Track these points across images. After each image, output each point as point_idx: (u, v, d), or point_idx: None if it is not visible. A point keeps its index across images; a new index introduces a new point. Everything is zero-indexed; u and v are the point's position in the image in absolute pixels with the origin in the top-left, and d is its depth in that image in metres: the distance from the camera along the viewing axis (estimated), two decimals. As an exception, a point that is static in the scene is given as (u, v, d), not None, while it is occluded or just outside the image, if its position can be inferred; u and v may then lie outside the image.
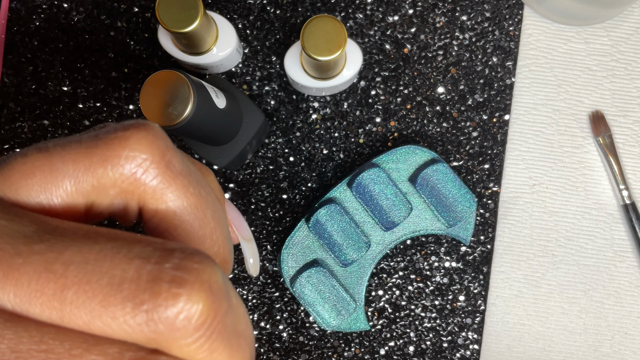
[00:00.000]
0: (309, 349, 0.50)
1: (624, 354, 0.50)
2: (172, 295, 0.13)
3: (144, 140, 0.15)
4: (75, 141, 0.16)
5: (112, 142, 0.15)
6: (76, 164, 0.15)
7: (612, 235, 0.50)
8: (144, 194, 0.16)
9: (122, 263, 0.13)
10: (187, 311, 0.13)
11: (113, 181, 0.15)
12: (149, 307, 0.13)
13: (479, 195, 0.50)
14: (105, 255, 0.13)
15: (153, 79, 0.35)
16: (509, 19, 0.50)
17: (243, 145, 0.45)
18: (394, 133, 0.50)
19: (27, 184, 0.15)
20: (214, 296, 0.14)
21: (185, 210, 0.16)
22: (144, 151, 0.15)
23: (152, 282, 0.13)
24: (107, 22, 0.50)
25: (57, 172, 0.15)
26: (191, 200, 0.16)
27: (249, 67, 0.50)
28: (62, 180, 0.15)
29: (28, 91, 0.50)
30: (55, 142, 0.16)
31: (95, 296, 0.13)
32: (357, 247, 0.46)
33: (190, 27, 0.38)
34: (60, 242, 0.14)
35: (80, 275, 0.13)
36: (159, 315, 0.13)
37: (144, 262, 0.13)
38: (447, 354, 0.50)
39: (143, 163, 0.15)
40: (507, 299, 0.50)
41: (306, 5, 0.50)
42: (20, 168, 0.15)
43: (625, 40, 0.50)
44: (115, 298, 0.13)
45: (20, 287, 0.13)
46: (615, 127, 0.50)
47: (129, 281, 0.13)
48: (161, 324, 0.13)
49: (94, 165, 0.15)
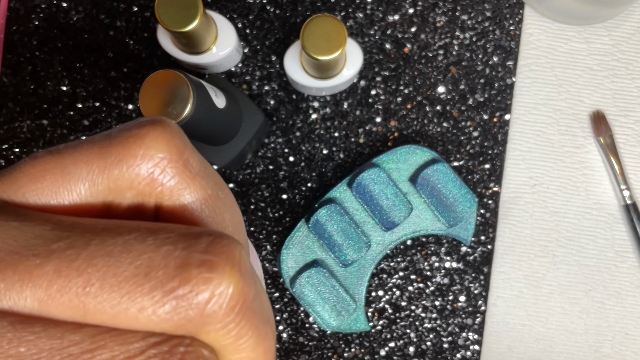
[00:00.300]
0: (309, 349, 0.50)
1: (625, 355, 0.50)
2: (203, 280, 0.13)
3: (160, 138, 0.15)
4: (87, 142, 0.15)
5: (127, 141, 0.15)
6: (90, 166, 0.14)
7: (613, 236, 0.50)
8: (161, 194, 0.15)
9: (147, 251, 0.13)
10: (219, 296, 0.13)
11: (129, 182, 0.15)
12: (179, 294, 0.12)
13: (480, 195, 0.50)
14: (130, 245, 0.13)
15: (152, 78, 0.35)
16: (509, 18, 0.50)
17: (243, 145, 0.45)
18: (394, 133, 0.50)
19: (37, 187, 0.14)
20: (244, 280, 0.13)
21: (203, 212, 0.16)
22: (161, 150, 0.15)
23: (181, 268, 0.13)
24: (107, 22, 0.50)
25: (69, 175, 0.14)
26: (209, 202, 0.16)
27: (249, 67, 0.50)
28: (75, 184, 0.14)
29: (27, 91, 0.50)
30: (67, 145, 0.15)
31: (121, 288, 0.12)
32: (357, 247, 0.46)
33: (190, 26, 0.38)
34: (80, 238, 0.13)
35: (104, 269, 0.12)
36: (189, 301, 0.12)
37: (171, 249, 0.13)
38: (448, 355, 0.50)
39: (160, 162, 0.15)
40: (507, 300, 0.50)
41: (306, 5, 0.50)
42: (30, 171, 0.14)
43: (626, 40, 0.50)
44: (143, 288, 0.12)
45: (39, 289, 0.12)
46: (616, 127, 0.50)
47: (156, 269, 0.13)
48: (191, 310, 0.13)
49: (108, 166, 0.14)
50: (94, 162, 0.14)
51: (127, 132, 0.15)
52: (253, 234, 0.50)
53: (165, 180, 0.15)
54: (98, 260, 0.13)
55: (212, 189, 0.16)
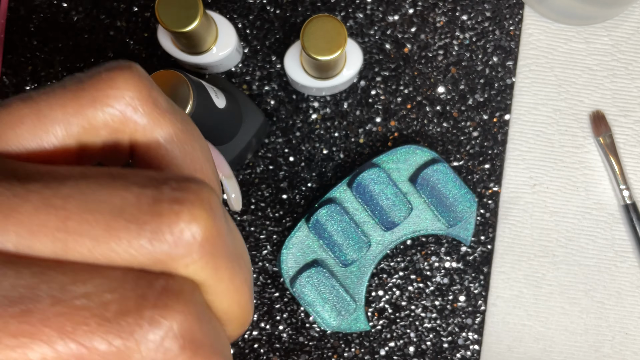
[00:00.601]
0: (309, 349, 0.50)
1: (625, 355, 0.50)
2: (174, 213, 0.13)
3: (130, 80, 0.16)
4: (59, 87, 0.16)
5: (98, 83, 0.15)
6: (64, 108, 0.15)
7: (613, 236, 0.50)
8: (134, 132, 0.16)
9: (120, 191, 0.14)
10: (190, 228, 0.13)
11: (103, 121, 0.16)
12: (152, 227, 0.13)
13: (480, 195, 0.50)
14: (103, 186, 0.14)
15: (152, 78, 0.35)
16: (509, 18, 0.50)
17: (243, 145, 0.45)
18: (394, 133, 0.50)
19: (16, 133, 0.15)
20: (215, 214, 0.14)
21: (176, 146, 0.17)
22: (131, 89, 0.16)
23: (153, 204, 0.13)
24: (107, 22, 0.50)
25: (45, 118, 0.15)
26: (181, 136, 0.17)
27: (249, 67, 0.50)
28: (51, 126, 0.15)
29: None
30: (38, 91, 0.16)
31: (98, 223, 0.13)
32: (357, 247, 0.46)
33: (190, 26, 0.38)
34: (55, 180, 0.14)
35: (81, 206, 0.13)
36: (162, 234, 0.13)
37: (142, 188, 0.14)
38: (448, 355, 0.50)
39: (131, 102, 0.16)
40: (507, 300, 0.50)
41: (306, 5, 0.50)
42: (6, 119, 0.15)
43: (626, 40, 0.50)
44: (118, 223, 0.13)
45: (21, 225, 0.13)
46: (616, 127, 0.50)
47: (130, 206, 0.13)
48: (165, 243, 0.13)
49: (83, 107, 0.15)
50: (68, 105, 0.15)
51: (98, 75, 0.16)
52: (253, 233, 0.50)
53: (137, 117, 0.16)
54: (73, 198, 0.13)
55: (181, 123, 0.17)
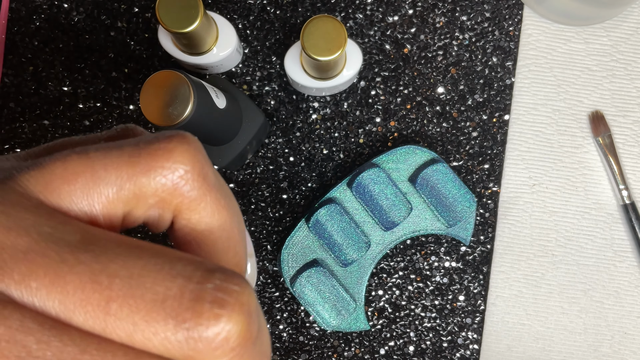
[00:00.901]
0: (309, 348, 0.50)
1: (624, 354, 0.50)
2: (214, 316, 0.14)
3: (186, 154, 0.16)
4: (116, 149, 0.16)
5: (155, 152, 0.16)
6: (119, 172, 0.16)
7: (612, 235, 0.50)
8: (180, 204, 0.16)
9: (165, 280, 0.14)
10: (227, 332, 0.14)
11: (154, 190, 0.16)
12: (190, 325, 0.13)
13: (479, 195, 0.50)
14: (149, 271, 0.14)
15: (153, 79, 0.35)
16: (508, 19, 0.50)
17: (243, 145, 0.45)
18: (394, 133, 0.50)
19: (70, 190, 0.15)
20: (251, 319, 0.14)
21: (216, 223, 0.17)
22: (186, 163, 0.16)
23: (195, 301, 0.14)
24: (107, 22, 0.50)
25: (99, 178, 0.15)
26: (222, 214, 0.17)
27: (249, 67, 0.50)
28: (104, 187, 0.15)
29: (28, 91, 0.50)
30: (96, 148, 0.16)
31: (139, 310, 0.13)
32: (357, 247, 0.46)
33: (190, 27, 0.38)
34: (105, 254, 0.14)
35: (125, 289, 0.13)
36: (199, 334, 0.13)
37: (186, 281, 0.14)
38: (447, 354, 0.50)
39: (185, 175, 0.16)
40: (506, 299, 0.50)
41: (306, 5, 0.50)
42: (62, 174, 0.15)
43: (625, 41, 0.50)
44: (158, 314, 0.13)
45: (66, 294, 0.13)
46: (615, 127, 0.50)
47: (171, 298, 0.14)
48: (201, 342, 0.14)
49: (137, 174, 0.16)
50: (123, 169, 0.16)
51: (156, 144, 0.16)
52: (253, 234, 0.50)
53: (187, 191, 0.16)
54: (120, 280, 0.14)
55: (225, 200, 0.17)
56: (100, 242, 0.14)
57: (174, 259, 0.14)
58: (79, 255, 0.14)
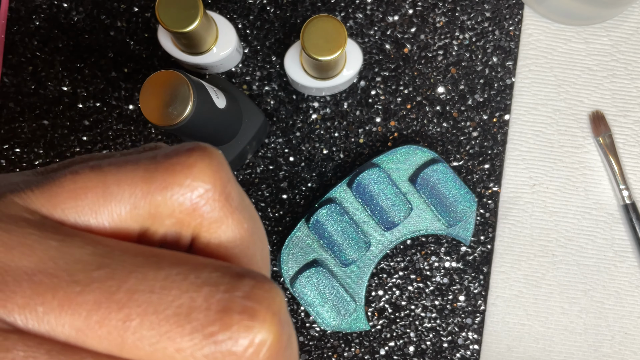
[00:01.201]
0: (309, 349, 0.50)
1: (624, 354, 0.50)
2: (244, 328, 0.12)
3: (207, 170, 0.14)
4: (131, 163, 0.14)
5: (173, 168, 0.14)
6: (133, 189, 0.14)
7: (613, 235, 0.50)
8: (200, 225, 0.15)
9: (189, 291, 0.13)
10: (258, 345, 0.13)
11: (171, 210, 0.14)
12: (218, 339, 0.12)
13: (479, 195, 0.50)
14: (172, 282, 0.13)
15: (153, 78, 0.35)
16: (509, 18, 0.50)
17: (243, 145, 0.45)
18: (394, 133, 0.50)
19: (77, 205, 0.14)
20: (282, 329, 0.13)
21: (237, 247, 0.16)
22: (207, 181, 0.14)
23: (223, 313, 0.12)
24: (107, 22, 0.50)
25: (110, 195, 0.14)
26: (244, 237, 0.16)
27: (249, 67, 0.50)
28: (116, 205, 0.14)
29: (28, 91, 0.50)
30: (110, 162, 0.14)
31: (161, 327, 0.12)
32: (357, 247, 0.46)
33: (190, 27, 0.38)
34: (121, 269, 0.13)
35: (145, 305, 0.12)
36: (228, 347, 0.12)
37: (213, 290, 0.13)
38: (447, 354, 0.50)
39: (205, 194, 0.14)
40: (507, 299, 0.50)
41: (306, 5, 0.50)
42: (71, 187, 0.14)
43: (625, 40, 0.50)
44: (184, 329, 0.12)
45: (78, 318, 0.12)
46: (616, 127, 0.50)
47: (197, 311, 0.12)
48: (230, 356, 0.12)
49: (152, 192, 0.14)
50: (137, 186, 0.14)
51: (175, 158, 0.14)
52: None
53: (207, 212, 0.15)
54: (139, 295, 0.12)
55: (248, 223, 0.16)
56: (114, 255, 0.13)
57: (199, 266, 0.13)
58: (92, 272, 0.12)
